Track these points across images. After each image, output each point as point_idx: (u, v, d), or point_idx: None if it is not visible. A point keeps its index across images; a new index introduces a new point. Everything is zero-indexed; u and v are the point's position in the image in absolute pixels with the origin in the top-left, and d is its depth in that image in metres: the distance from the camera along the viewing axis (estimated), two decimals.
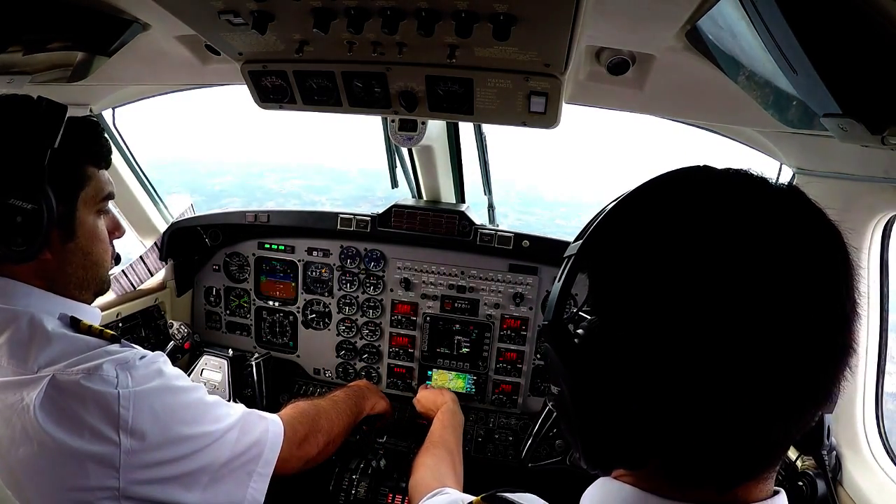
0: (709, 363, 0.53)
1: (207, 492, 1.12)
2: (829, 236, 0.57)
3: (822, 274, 0.54)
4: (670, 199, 0.61)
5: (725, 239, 0.54)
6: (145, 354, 1.12)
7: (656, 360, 0.55)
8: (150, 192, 2.53)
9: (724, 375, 0.53)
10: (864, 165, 1.24)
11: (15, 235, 1.04)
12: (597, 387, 0.61)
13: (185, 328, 2.27)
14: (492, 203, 2.51)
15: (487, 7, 0.92)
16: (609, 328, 0.61)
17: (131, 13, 1.30)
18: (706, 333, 0.53)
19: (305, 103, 1.34)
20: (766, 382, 0.53)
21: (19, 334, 1.06)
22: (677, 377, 0.54)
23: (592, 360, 0.62)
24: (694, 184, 0.61)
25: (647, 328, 0.56)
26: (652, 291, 0.56)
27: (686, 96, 1.37)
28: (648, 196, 0.63)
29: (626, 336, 0.58)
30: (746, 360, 0.52)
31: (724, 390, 0.53)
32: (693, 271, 0.54)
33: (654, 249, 0.57)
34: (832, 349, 0.55)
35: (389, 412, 1.96)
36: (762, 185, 0.59)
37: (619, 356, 0.59)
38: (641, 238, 0.59)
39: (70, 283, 1.18)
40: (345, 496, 2.08)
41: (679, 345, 0.54)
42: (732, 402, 0.54)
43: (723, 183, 0.60)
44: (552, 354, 0.66)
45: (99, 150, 1.22)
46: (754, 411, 0.54)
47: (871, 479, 1.43)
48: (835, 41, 0.74)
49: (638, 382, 0.57)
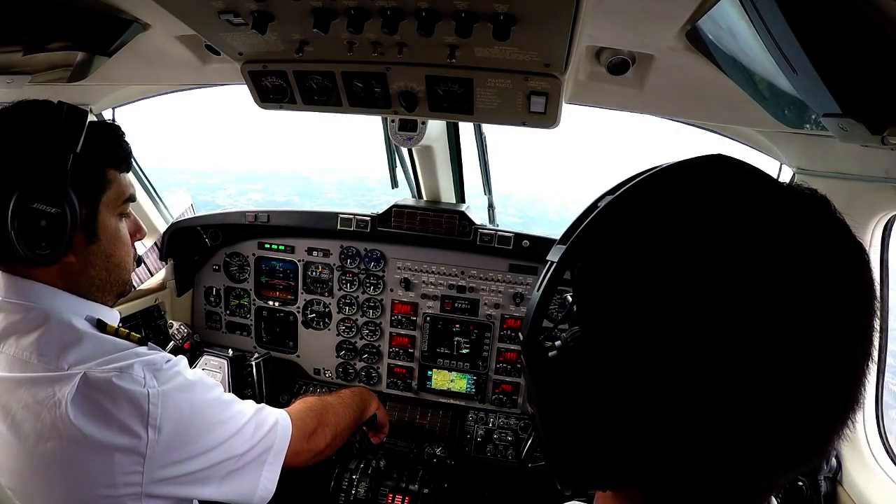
0: (718, 385, 0.46)
1: (224, 484, 1.19)
2: (858, 260, 0.49)
3: (846, 304, 0.47)
4: (684, 195, 0.53)
5: (746, 250, 0.47)
6: (170, 358, 1.17)
7: (654, 376, 0.49)
8: (151, 192, 2.53)
9: (731, 400, 0.46)
10: (864, 165, 1.24)
11: (39, 239, 1.06)
12: (577, 403, 0.55)
13: (185, 328, 2.27)
14: (492, 203, 2.51)
15: (487, 7, 0.91)
16: (595, 340, 0.54)
17: (131, 13, 1.30)
18: (715, 351, 0.46)
19: (305, 103, 1.34)
20: (779, 414, 0.47)
21: (49, 334, 1.09)
22: (678, 399, 0.48)
23: (573, 373, 0.56)
24: (712, 183, 0.53)
25: (643, 340, 0.49)
26: (657, 301, 0.49)
27: (686, 96, 1.37)
28: (658, 190, 0.55)
29: (616, 348, 0.51)
30: (758, 385, 0.46)
31: (729, 415, 0.47)
32: (707, 283, 0.47)
33: (662, 254, 0.50)
34: (842, 391, 0.48)
35: (387, 426, 1.98)
36: (789, 192, 0.52)
37: (608, 370, 0.52)
38: (646, 241, 0.52)
39: (93, 286, 1.20)
40: (345, 496, 2.08)
41: (681, 362, 0.47)
42: (736, 427, 0.47)
43: (744, 183, 0.53)
44: (527, 371, 0.61)
45: (120, 154, 1.24)
46: (758, 444, 0.48)
47: (871, 479, 1.43)
48: (835, 41, 0.73)
49: (630, 400, 0.51)
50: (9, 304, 1.12)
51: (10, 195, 1.02)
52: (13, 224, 1.02)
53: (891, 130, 0.78)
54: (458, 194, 2.43)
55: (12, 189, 1.03)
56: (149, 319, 2.35)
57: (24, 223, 1.03)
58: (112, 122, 2.15)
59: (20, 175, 1.04)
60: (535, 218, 29.78)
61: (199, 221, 2.42)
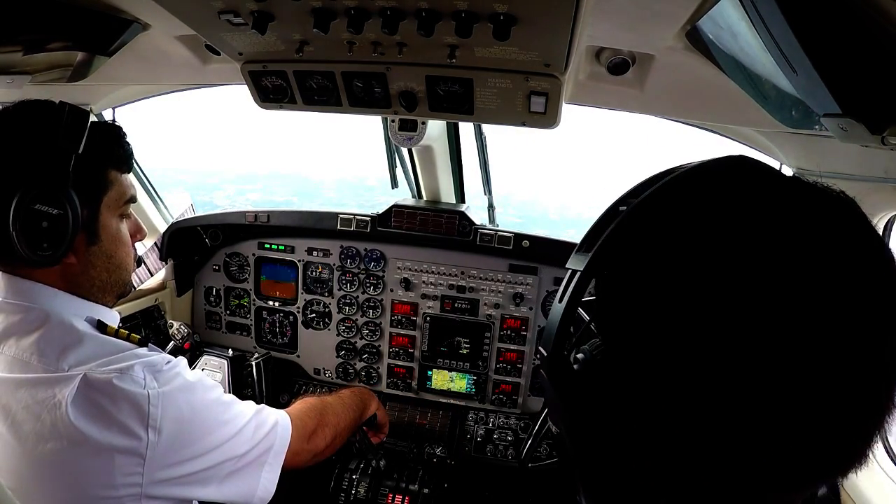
0: (762, 397, 0.45)
1: (223, 485, 1.19)
2: (888, 261, 0.48)
3: (881, 307, 0.46)
4: (715, 201, 0.51)
5: (785, 256, 0.46)
6: (170, 359, 1.16)
7: (694, 387, 0.47)
8: (150, 192, 2.53)
9: (772, 410, 0.45)
10: (864, 165, 1.24)
11: (41, 240, 1.06)
12: (608, 418, 0.53)
13: (185, 328, 2.27)
14: (492, 203, 2.51)
15: (487, 7, 0.91)
16: (627, 352, 0.52)
17: (131, 13, 1.30)
18: (761, 357, 0.45)
19: (305, 103, 1.34)
20: (819, 422, 0.46)
21: (49, 335, 1.09)
22: (718, 411, 0.46)
23: (601, 388, 0.53)
24: (744, 188, 0.51)
25: (682, 351, 0.47)
26: (694, 310, 0.47)
27: (686, 96, 1.37)
28: (686, 195, 0.53)
29: (652, 359, 0.49)
30: (802, 395, 0.44)
31: (769, 425, 0.46)
32: (749, 292, 0.45)
33: (700, 262, 0.48)
34: (874, 404, 0.48)
35: (387, 426, 1.99)
36: (821, 195, 0.50)
37: (642, 383, 0.50)
38: (681, 249, 0.49)
39: (94, 287, 1.20)
40: (345, 496, 2.08)
41: (724, 373, 0.45)
42: (777, 439, 0.46)
43: (775, 188, 0.51)
44: (551, 390, 0.58)
45: (122, 155, 1.24)
46: (799, 454, 0.47)
47: (871, 478, 1.43)
48: (835, 41, 0.73)
49: (665, 412, 0.49)
50: (9, 304, 1.12)
51: (11, 196, 1.02)
52: (15, 225, 1.02)
53: (891, 130, 0.78)
54: (458, 194, 2.43)
55: (14, 190, 1.03)
56: (149, 319, 2.35)
57: (25, 224, 1.03)
58: (113, 122, 2.15)
59: (22, 176, 1.04)
60: (535, 218, 29.69)
61: (199, 221, 2.42)
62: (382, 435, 1.98)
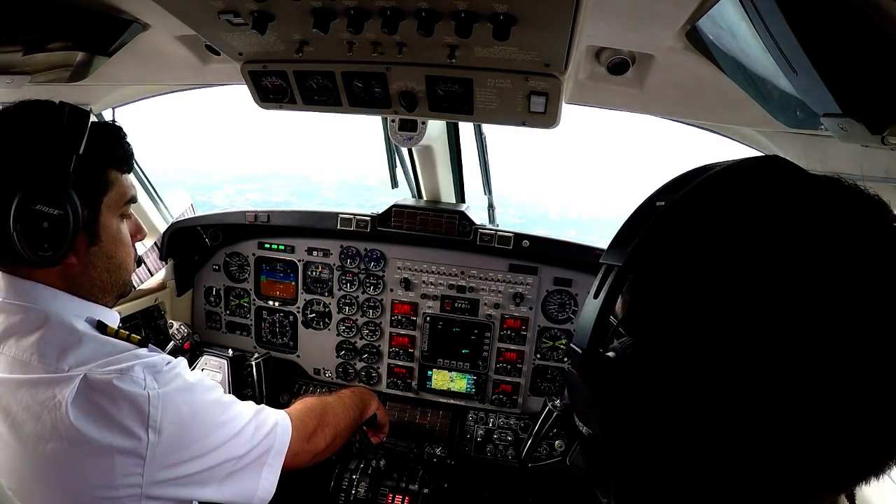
0: (801, 400, 0.45)
1: (223, 486, 1.19)
2: None
3: None
4: (757, 202, 0.51)
5: (828, 259, 0.46)
6: (170, 360, 1.17)
7: (736, 386, 0.47)
8: (151, 192, 2.53)
9: (812, 413, 0.45)
10: (864, 165, 1.24)
11: (41, 241, 1.06)
12: (643, 418, 0.53)
13: (185, 328, 2.27)
14: (492, 203, 2.51)
15: (487, 7, 0.91)
16: (665, 350, 0.51)
17: (131, 13, 1.31)
18: (805, 358, 0.45)
19: (305, 103, 1.34)
20: (857, 424, 0.46)
21: (49, 335, 1.09)
22: (758, 410, 0.46)
23: (637, 387, 0.53)
24: (784, 190, 0.52)
25: (724, 349, 0.47)
26: (738, 310, 0.47)
27: (686, 96, 1.37)
28: (726, 194, 0.53)
29: (693, 358, 0.49)
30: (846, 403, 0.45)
31: (807, 427, 0.46)
32: (793, 293, 0.45)
33: (744, 262, 0.48)
34: None
35: (387, 426, 1.99)
36: (856, 199, 0.51)
37: (683, 382, 0.49)
38: (724, 248, 0.49)
39: (94, 287, 1.20)
40: (345, 496, 2.08)
41: (767, 372, 0.46)
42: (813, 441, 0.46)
43: (815, 191, 0.52)
44: (583, 390, 0.57)
45: (122, 155, 1.23)
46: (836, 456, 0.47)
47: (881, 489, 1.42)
48: (835, 41, 0.74)
49: (706, 412, 0.48)
50: (9, 304, 1.12)
51: (12, 196, 1.02)
52: (15, 225, 1.02)
53: (891, 130, 0.78)
54: (458, 194, 2.43)
55: (15, 190, 1.03)
56: (149, 319, 2.35)
57: (26, 225, 1.03)
58: (113, 122, 2.15)
59: (22, 176, 1.04)
60: (535, 218, 29.71)
61: (198, 221, 2.42)
62: (382, 435, 1.98)
